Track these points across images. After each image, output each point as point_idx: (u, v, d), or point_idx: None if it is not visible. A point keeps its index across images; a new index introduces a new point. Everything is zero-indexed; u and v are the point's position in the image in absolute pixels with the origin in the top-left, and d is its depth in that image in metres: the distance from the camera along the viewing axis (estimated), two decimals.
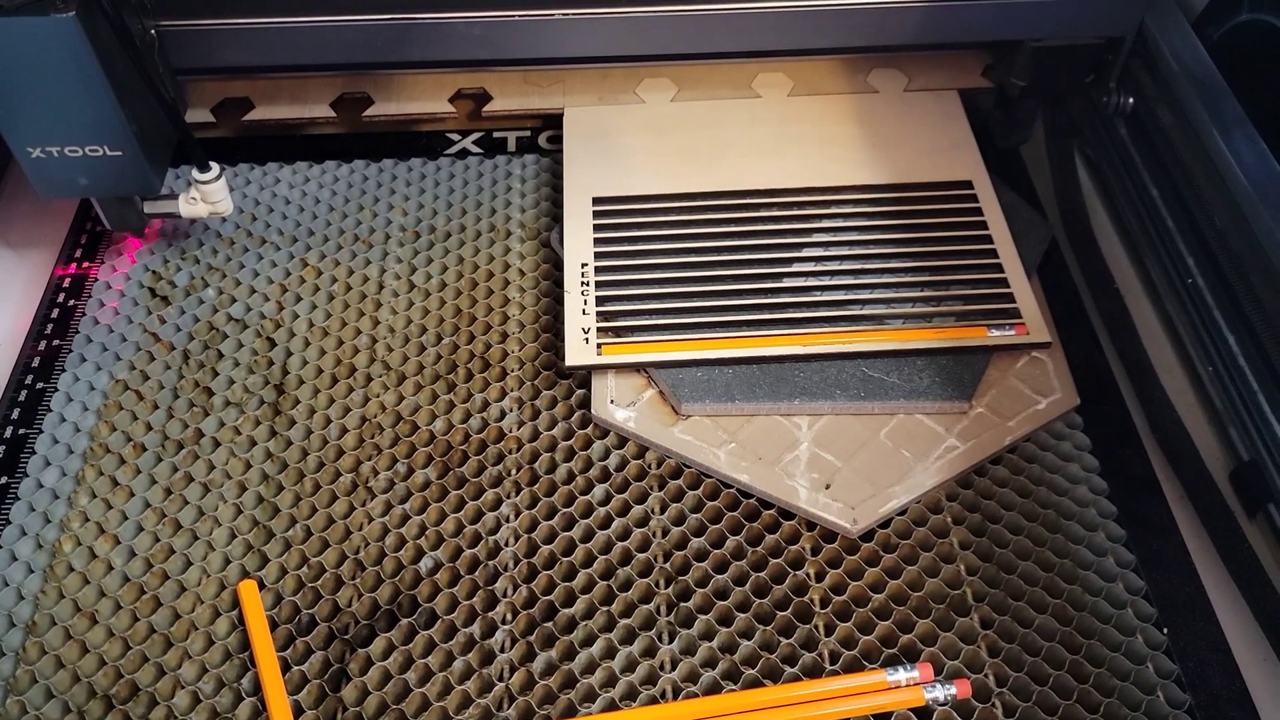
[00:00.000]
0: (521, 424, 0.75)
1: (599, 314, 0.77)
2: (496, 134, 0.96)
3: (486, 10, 0.81)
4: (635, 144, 0.89)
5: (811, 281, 0.79)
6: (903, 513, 0.70)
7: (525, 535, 0.69)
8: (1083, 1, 0.81)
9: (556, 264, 0.85)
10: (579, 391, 0.77)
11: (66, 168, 0.71)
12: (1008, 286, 0.78)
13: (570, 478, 0.72)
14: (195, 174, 0.76)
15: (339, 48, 0.80)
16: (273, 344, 0.80)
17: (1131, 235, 0.85)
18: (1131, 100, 0.84)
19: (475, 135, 0.95)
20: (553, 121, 0.95)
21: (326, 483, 0.72)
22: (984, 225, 0.82)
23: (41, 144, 0.70)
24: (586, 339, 0.76)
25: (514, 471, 0.72)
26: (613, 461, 0.73)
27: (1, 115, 0.68)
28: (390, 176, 0.92)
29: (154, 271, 0.84)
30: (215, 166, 0.76)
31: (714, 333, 0.76)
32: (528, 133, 0.96)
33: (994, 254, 0.80)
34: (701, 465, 0.71)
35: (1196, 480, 0.72)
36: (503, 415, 0.76)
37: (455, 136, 0.95)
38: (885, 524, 0.69)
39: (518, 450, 0.74)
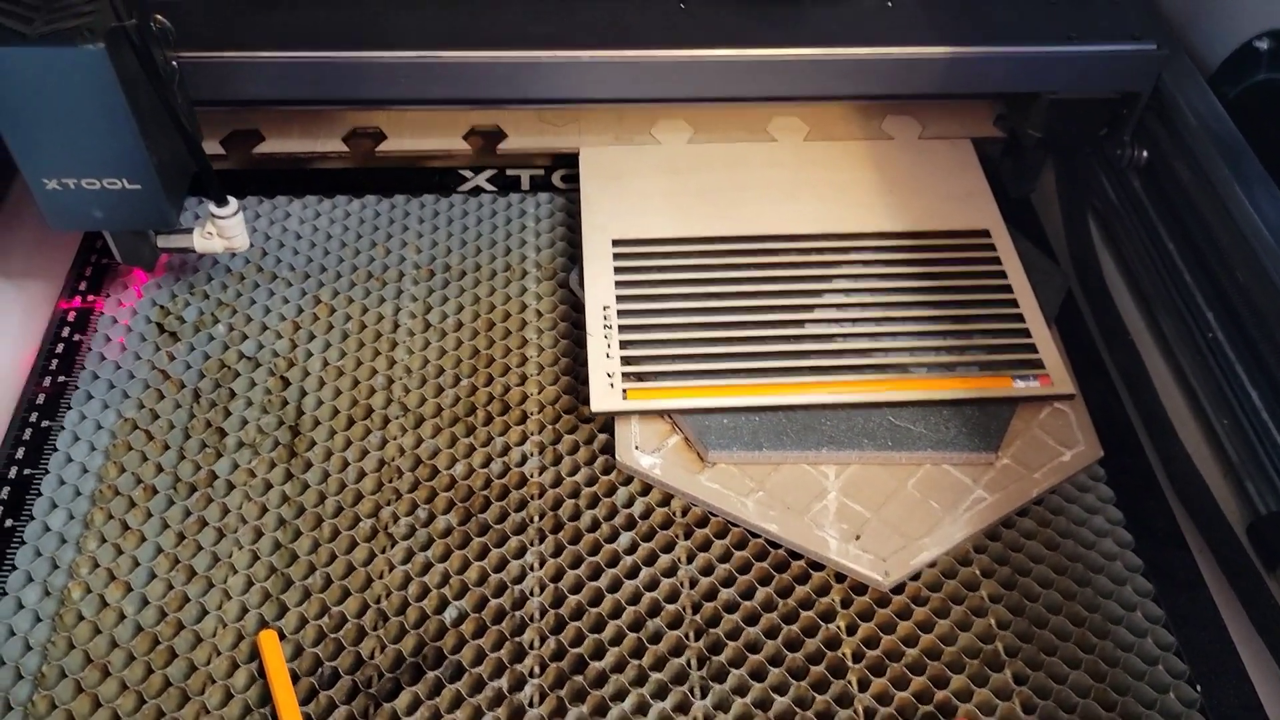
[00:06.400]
0: (543, 469, 0.74)
1: (623, 358, 0.76)
2: (510, 171, 0.95)
3: (505, 50, 0.80)
4: (652, 185, 0.89)
5: (835, 329, 0.79)
6: (932, 565, 0.69)
7: (551, 584, 0.68)
8: (1101, 57, 0.82)
9: (574, 305, 0.84)
10: (601, 436, 0.75)
11: (82, 200, 0.69)
12: (1029, 337, 0.79)
13: (595, 525, 0.71)
14: (213, 209, 0.74)
15: (357, 83, 0.79)
16: (286, 383, 0.78)
17: (1142, 287, 0.86)
18: (1146, 154, 0.85)
19: (489, 173, 0.95)
20: (566, 160, 0.95)
21: (345, 528, 0.70)
22: (1003, 275, 0.83)
23: (58, 175, 0.68)
24: (611, 384, 0.75)
25: (538, 518, 0.71)
26: (638, 508, 0.72)
27: (19, 145, 0.66)
28: (403, 213, 0.91)
29: (162, 306, 0.82)
30: (233, 201, 0.75)
31: (739, 379, 0.75)
32: (541, 171, 0.95)
33: (1014, 304, 0.81)
34: (729, 514, 0.70)
35: (1217, 534, 0.72)
36: (524, 460, 0.74)
37: (468, 174, 0.94)
38: (915, 576, 0.69)
39: (540, 496, 0.72)
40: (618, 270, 0.82)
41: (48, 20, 0.62)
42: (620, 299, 0.80)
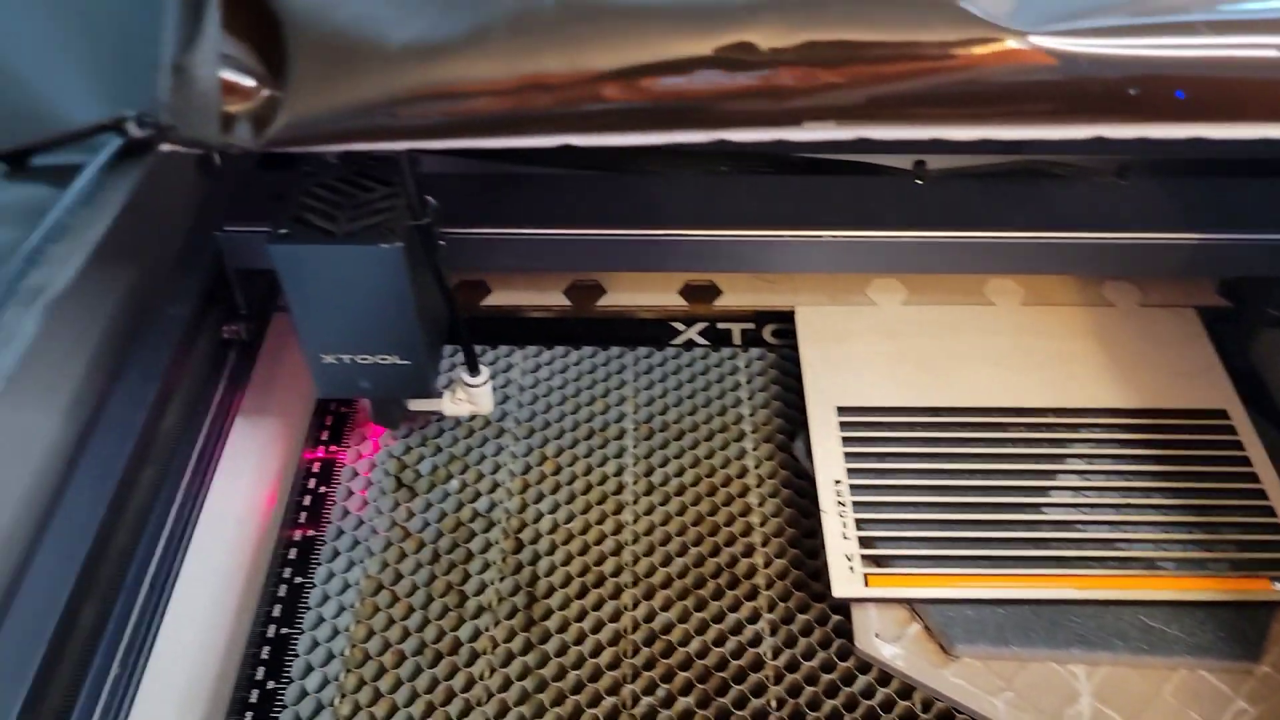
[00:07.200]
0: (778, 651, 0.73)
1: (860, 539, 0.76)
2: (721, 325, 0.96)
3: (744, 229, 0.82)
4: (872, 350, 0.89)
5: (1073, 515, 0.77)
6: None
7: None
8: None
9: (795, 471, 0.84)
10: (835, 617, 0.75)
11: (353, 373, 0.73)
12: None
13: (836, 717, 0.70)
14: (466, 378, 0.77)
15: (603, 257, 0.82)
16: (520, 544, 0.79)
17: None
18: None
19: (700, 325, 0.96)
20: (777, 314, 0.96)
21: (587, 705, 0.70)
22: (1247, 461, 0.80)
23: (336, 352, 0.71)
24: (851, 567, 0.74)
25: (776, 706, 0.70)
26: (879, 699, 0.71)
27: (307, 326, 0.70)
28: (619, 366, 0.93)
29: (398, 459, 0.85)
30: (485, 371, 0.77)
31: (981, 568, 0.74)
32: (752, 325, 0.96)
33: (1263, 494, 0.78)
34: (977, 713, 0.69)
35: None
36: (758, 639, 0.74)
37: (680, 326, 0.96)
38: None
39: (777, 681, 0.72)
40: (846, 441, 0.82)
41: (350, 217, 0.65)
42: (851, 473, 0.80)
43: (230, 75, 0.39)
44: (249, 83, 0.40)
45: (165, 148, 0.39)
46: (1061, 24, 0.38)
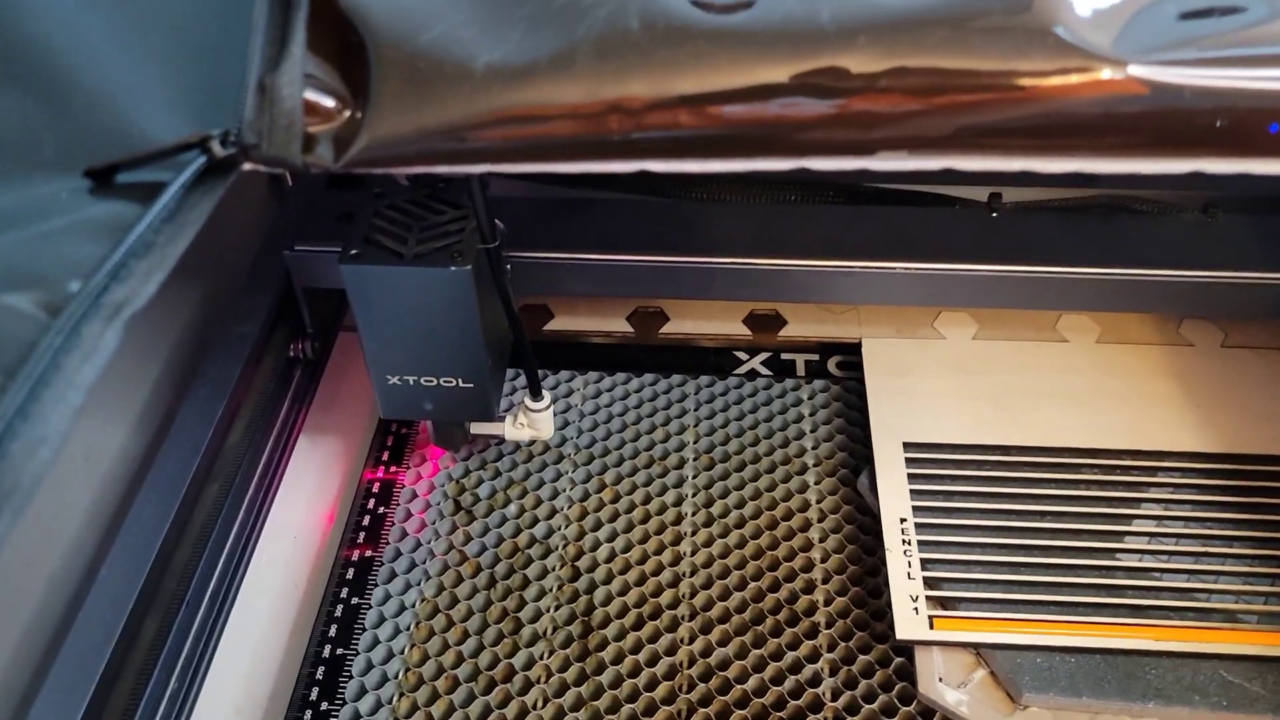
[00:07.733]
0: (838, 693, 0.71)
1: (925, 579, 0.74)
2: (784, 355, 0.95)
3: (814, 259, 0.81)
4: (940, 384, 0.87)
5: (1149, 562, 0.75)
6: None
7: None
8: None
9: (858, 506, 0.82)
10: (898, 660, 0.73)
11: (417, 394, 0.73)
12: None
13: None
14: (529, 402, 0.76)
15: (668, 284, 0.82)
16: (577, 573, 0.78)
17: None
18: None
19: (763, 355, 0.95)
20: (841, 346, 0.94)
21: None
22: None
23: (401, 373, 0.71)
24: (916, 609, 0.72)
25: None
26: None
27: (374, 347, 0.70)
28: (680, 394, 0.92)
29: (457, 481, 0.84)
30: (547, 395, 0.77)
31: (1052, 614, 0.72)
32: (816, 356, 0.95)
33: None
34: None
35: None
36: (817, 680, 0.72)
37: (743, 355, 0.95)
38: None
39: None
40: (912, 478, 0.80)
41: (419, 239, 0.66)
42: (917, 510, 0.78)
43: (313, 96, 0.39)
44: (332, 103, 0.40)
45: (247, 167, 0.39)
46: (1165, 54, 0.37)
